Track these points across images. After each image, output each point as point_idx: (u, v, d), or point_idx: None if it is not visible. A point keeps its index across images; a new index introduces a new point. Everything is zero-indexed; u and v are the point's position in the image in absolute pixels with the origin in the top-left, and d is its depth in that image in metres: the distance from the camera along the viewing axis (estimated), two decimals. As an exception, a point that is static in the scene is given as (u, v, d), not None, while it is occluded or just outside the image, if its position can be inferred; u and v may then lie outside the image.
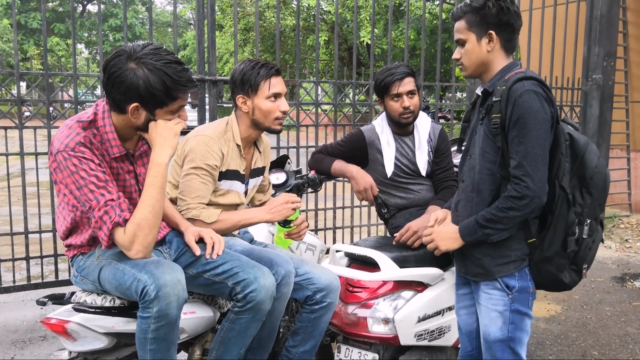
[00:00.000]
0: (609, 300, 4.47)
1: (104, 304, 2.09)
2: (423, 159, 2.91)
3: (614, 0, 6.09)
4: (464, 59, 2.06)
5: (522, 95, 1.87)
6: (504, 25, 1.99)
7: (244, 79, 2.43)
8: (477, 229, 1.97)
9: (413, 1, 15.48)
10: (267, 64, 2.45)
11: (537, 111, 1.87)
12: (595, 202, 1.98)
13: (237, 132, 2.48)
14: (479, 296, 2.09)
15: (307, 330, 2.42)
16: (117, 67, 1.89)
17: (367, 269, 2.53)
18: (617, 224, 6.63)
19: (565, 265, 1.98)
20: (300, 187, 2.91)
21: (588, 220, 1.97)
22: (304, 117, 4.69)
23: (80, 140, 1.92)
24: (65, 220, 2.07)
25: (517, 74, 1.95)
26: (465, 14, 2.01)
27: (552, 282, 2.02)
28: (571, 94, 6.14)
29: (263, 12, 17.08)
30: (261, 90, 2.42)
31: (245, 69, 2.44)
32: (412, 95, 2.82)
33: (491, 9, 1.97)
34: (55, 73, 4.03)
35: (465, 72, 2.09)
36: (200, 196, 2.35)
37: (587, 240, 1.98)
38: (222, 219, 2.37)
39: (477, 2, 1.99)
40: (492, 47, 2.00)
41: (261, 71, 2.42)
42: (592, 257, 2.03)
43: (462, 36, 2.04)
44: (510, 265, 2.00)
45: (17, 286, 3.99)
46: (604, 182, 1.98)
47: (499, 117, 1.92)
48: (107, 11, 28.99)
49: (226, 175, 2.45)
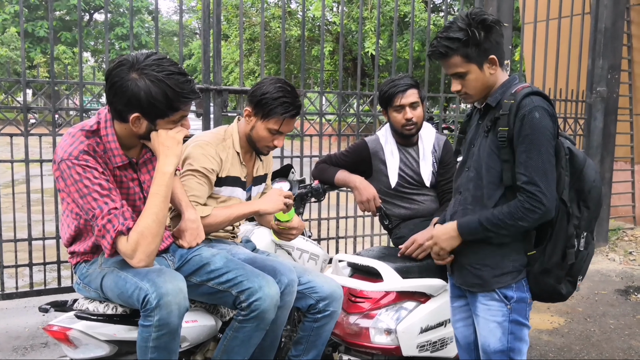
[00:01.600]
0: (613, 313, 4.44)
1: (106, 311, 2.09)
2: (427, 169, 2.91)
3: (619, 13, 6.11)
4: (468, 89, 2.02)
5: (532, 112, 1.88)
6: (497, 44, 1.98)
7: (262, 103, 2.40)
8: (480, 231, 1.98)
9: (418, 13, 15.54)
10: (290, 104, 2.40)
11: (545, 127, 1.88)
12: (591, 215, 2.02)
13: (236, 139, 2.51)
14: (476, 307, 2.09)
15: (309, 339, 2.41)
16: (119, 77, 1.88)
17: (369, 279, 2.52)
18: (621, 237, 6.60)
19: (562, 277, 2.00)
20: (303, 196, 2.91)
21: (585, 233, 2.01)
22: (308, 127, 4.70)
23: (83, 148, 1.93)
24: (69, 228, 2.08)
25: (524, 88, 1.95)
26: (457, 49, 1.94)
27: (550, 294, 2.04)
28: (575, 106, 6.14)
29: (268, 22, 17.17)
30: (269, 122, 2.42)
31: (269, 95, 2.39)
32: (415, 106, 2.83)
33: (481, 36, 1.92)
34: (61, 81, 4.05)
35: (470, 100, 2.07)
36: (196, 195, 2.37)
37: (583, 253, 2.02)
38: (215, 213, 2.37)
39: (461, 34, 1.92)
40: (495, 69, 2.00)
41: (279, 108, 2.38)
42: (586, 268, 2.07)
43: (460, 70, 1.98)
44: (508, 276, 2.00)
45: (20, 292, 3.99)
46: (600, 197, 2.02)
47: (506, 130, 1.92)
48: (114, 20, 29.19)
49: (227, 182, 2.47)
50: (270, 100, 2.38)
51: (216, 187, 2.46)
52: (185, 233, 2.16)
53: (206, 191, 2.41)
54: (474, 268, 2.05)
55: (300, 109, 2.47)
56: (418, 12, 15.63)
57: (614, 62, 6.15)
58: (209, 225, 2.33)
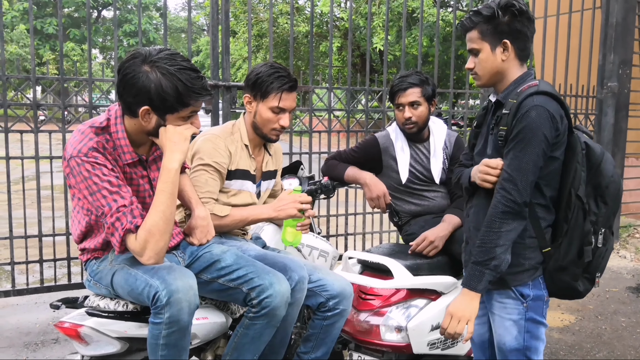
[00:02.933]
0: (624, 311, 4.41)
1: (116, 308, 2.09)
2: (438, 166, 2.89)
3: (630, 8, 6.05)
4: (478, 68, 2.02)
5: (529, 111, 1.85)
6: (518, 33, 1.95)
7: (257, 83, 2.44)
8: (479, 270, 1.90)
9: (426, 8, 15.47)
10: (285, 77, 2.44)
11: (539, 127, 1.84)
12: (609, 211, 1.97)
13: (244, 132, 2.52)
14: (492, 305, 2.07)
15: (319, 337, 2.41)
16: (131, 69, 1.89)
17: (380, 276, 2.52)
18: (632, 234, 6.56)
19: (579, 274, 1.97)
20: (313, 193, 2.90)
21: (602, 229, 1.96)
22: (317, 123, 4.69)
23: (93, 145, 1.93)
24: (80, 224, 2.08)
25: (531, 87, 1.92)
26: (477, 24, 1.97)
27: (567, 291, 2.01)
28: (586, 102, 6.09)
29: (276, 18, 17.15)
30: (268, 100, 2.44)
31: (263, 73, 2.44)
32: (416, 106, 2.80)
33: (503, 17, 1.93)
34: (70, 78, 4.06)
35: (479, 82, 2.06)
36: (210, 191, 2.38)
37: (601, 249, 1.98)
38: (232, 214, 2.41)
39: (487, 10, 1.95)
40: (507, 57, 1.97)
41: (275, 82, 2.42)
42: (604, 265, 2.03)
43: (475, 46, 2.00)
44: (525, 274, 1.98)
45: (30, 289, 4.01)
46: (618, 192, 1.98)
47: (505, 130, 1.91)
48: (122, 17, 29.24)
49: (236, 175, 2.47)
50: (264, 77, 2.42)
51: (226, 180, 2.47)
52: (196, 230, 2.16)
53: (218, 186, 2.42)
54: None
55: (296, 82, 2.48)
56: (427, 8, 15.56)
57: (625, 57, 6.09)
58: (225, 226, 2.39)
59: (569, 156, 1.92)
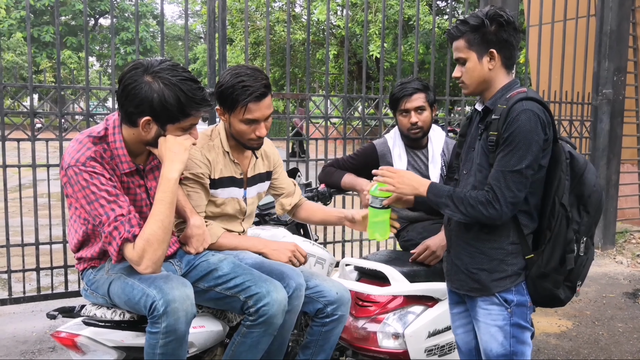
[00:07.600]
0: (621, 317, 4.42)
1: (113, 317, 2.09)
2: (436, 172, 2.90)
3: (624, 15, 6.10)
4: (465, 77, 2.05)
5: (519, 115, 1.88)
6: (504, 42, 1.99)
7: (223, 95, 2.26)
8: (445, 198, 1.98)
9: (422, 16, 15.52)
10: (249, 87, 2.21)
11: (529, 131, 1.87)
12: (591, 220, 2.01)
13: (224, 138, 2.41)
14: (476, 312, 2.07)
15: (318, 343, 2.40)
16: (133, 80, 1.90)
17: (377, 283, 2.52)
18: (628, 239, 6.57)
19: (561, 282, 1.99)
20: (310, 200, 2.91)
21: (584, 238, 2.00)
22: (314, 131, 4.70)
23: (90, 155, 1.93)
24: (77, 233, 2.08)
25: (519, 93, 1.95)
26: (464, 33, 1.99)
27: (548, 298, 2.03)
28: (581, 109, 6.13)
29: (273, 26, 17.19)
30: (237, 113, 2.26)
31: (226, 84, 2.24)
32: (421, 111, 2.82)
33: (490, 27, 1.96)
34: (67, 86, 4.07)
35: (466, 90, 2.09)
36: (196, 205, 2.34)
37: (583, 258, 2.01)
38: (222, 243, 2.38)
39: (475, 20, 1.98)
40: (494, 65, 2.00)
41: (240, 94, 2.21)
42: (585, 273, 2.06)
43: (462, 55, 2.02)
44: (507, 280, 1.99)
45: (27, 297, 4.01)
46: (600, 202, 2.01)
47: (495, 135, 1.93)
48: (119, 25, 29.30)
49: (221, 183, 2.41)
50: (228, 89, 2.23)
51: (212, 189, 2.40)
52: (192, 239, 2.17)
53: (202, 198, 2.36)
54: (471, 272, 2.04)
55: (267, 88, 2.25)
56: (422, 15, 15.60)
57: (619, 64, 6.14)
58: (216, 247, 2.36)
59: (553, 165, 1.96)
